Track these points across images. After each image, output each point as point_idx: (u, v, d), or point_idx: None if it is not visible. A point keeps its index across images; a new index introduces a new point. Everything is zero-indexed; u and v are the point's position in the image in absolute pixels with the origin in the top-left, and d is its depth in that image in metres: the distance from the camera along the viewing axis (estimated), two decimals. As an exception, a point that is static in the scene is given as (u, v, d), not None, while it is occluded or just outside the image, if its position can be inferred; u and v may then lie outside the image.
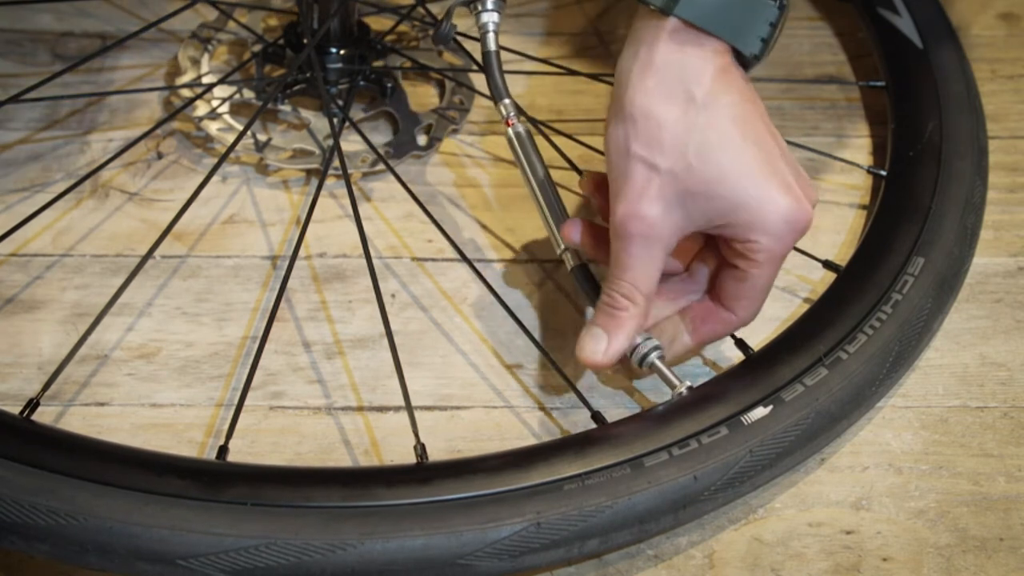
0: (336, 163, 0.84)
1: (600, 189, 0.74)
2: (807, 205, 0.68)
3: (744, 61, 0.69)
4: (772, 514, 0.71)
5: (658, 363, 0.72)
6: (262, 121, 0.91)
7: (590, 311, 0.74)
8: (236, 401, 0.71)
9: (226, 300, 0.80)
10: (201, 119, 0.89)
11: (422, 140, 0.90)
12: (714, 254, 0.73)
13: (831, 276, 0.80)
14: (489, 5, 0.77)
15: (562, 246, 0.75)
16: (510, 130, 0.77)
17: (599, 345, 0.71)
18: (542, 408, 0.75)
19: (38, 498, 0.63)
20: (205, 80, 0.92)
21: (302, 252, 0.83)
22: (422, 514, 0.64)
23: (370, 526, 0.63)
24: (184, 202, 0.78)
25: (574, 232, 0.74)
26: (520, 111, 0.77)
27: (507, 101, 0.77)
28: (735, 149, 0.67)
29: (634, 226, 0.68)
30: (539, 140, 0.86)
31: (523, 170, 0.77)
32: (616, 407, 0.75)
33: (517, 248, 0.84)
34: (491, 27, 0.78)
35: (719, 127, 0.67)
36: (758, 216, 0.67)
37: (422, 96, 0.95)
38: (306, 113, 0.90)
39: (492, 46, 0.77)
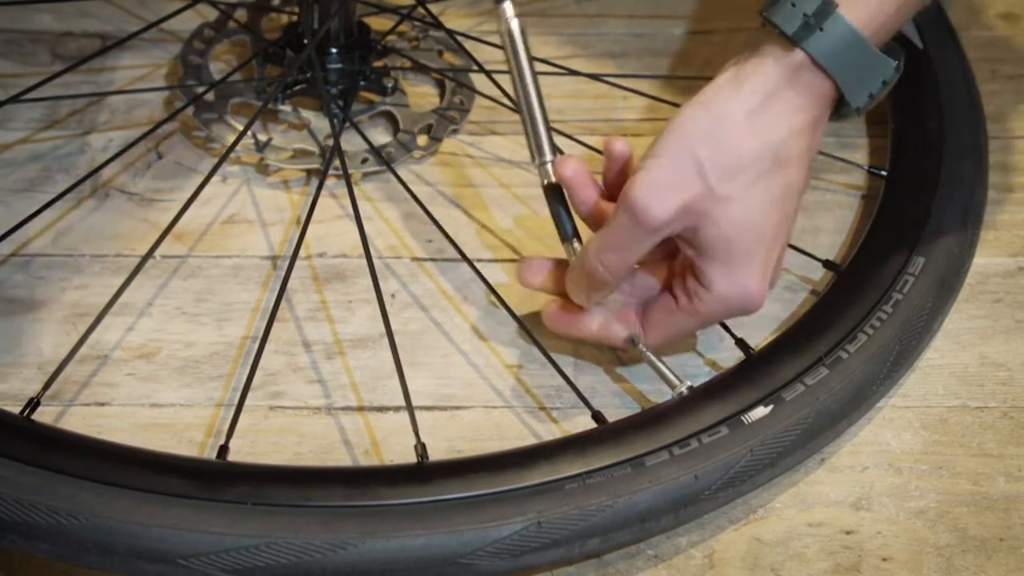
0: (336, 163, 0.84)
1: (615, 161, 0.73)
2: (764, 294, 0.70)
3: (842, 111, 0.71)
4: (772, 514, 0.71)
5: (658, 362, 0.72)
6: (262, 121, 0.91)
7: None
8: (236, 401, 0.71)
9: (226, 300, 0.80)
10: (201, 119, 0.89)
11: (422, 140, 0.90)
12: (663, 275, 0.73)
13: (831, 276, 0.80)
14: None
15: (542, 159, 0.74)
16: (513, 21, 0.73)
17: (579, 297, 0.73)
18: (542, 408, 0.75)
19: (38, 497, 0.63)
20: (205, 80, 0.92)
21: (302, 252, 0.83)
22: (423, 513, 0.64)
23: (371, 525, 0.63)
24: (184, 202, 0.78)
25: (568, 170, 0.73)
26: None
27: None
28: (763, 218, 0.68)
29: (652, 216, 0.67)
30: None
31: (515, 69, 0.74)
32: (616, 407, 0.75)
33: (517, 248, 0.84)
34: None
35: (770, 188, 0.68)
36: (728, 279, 0.69)
37: (422, 96, 0.95)
38: (306, 113, 0.90)
39: None
